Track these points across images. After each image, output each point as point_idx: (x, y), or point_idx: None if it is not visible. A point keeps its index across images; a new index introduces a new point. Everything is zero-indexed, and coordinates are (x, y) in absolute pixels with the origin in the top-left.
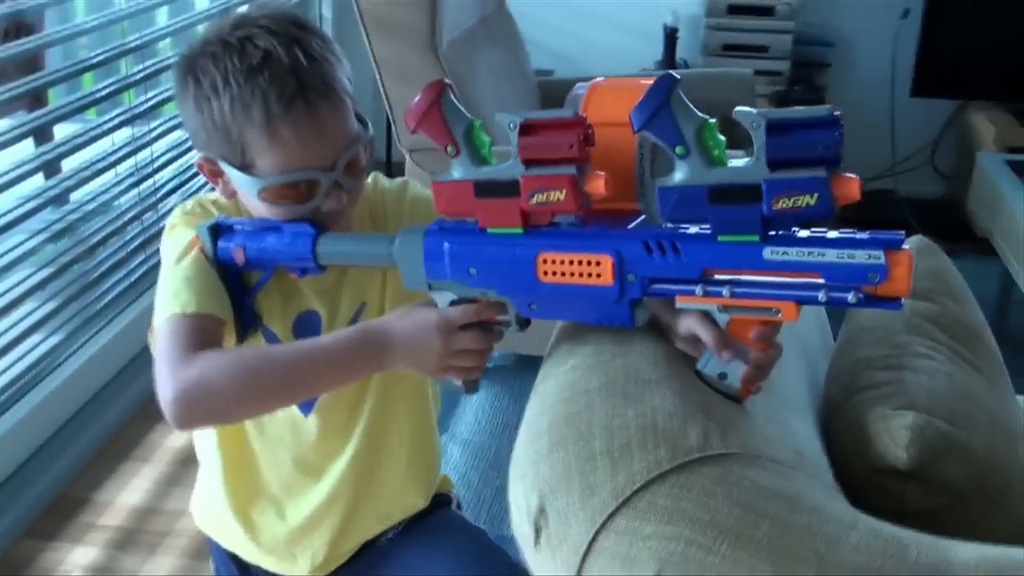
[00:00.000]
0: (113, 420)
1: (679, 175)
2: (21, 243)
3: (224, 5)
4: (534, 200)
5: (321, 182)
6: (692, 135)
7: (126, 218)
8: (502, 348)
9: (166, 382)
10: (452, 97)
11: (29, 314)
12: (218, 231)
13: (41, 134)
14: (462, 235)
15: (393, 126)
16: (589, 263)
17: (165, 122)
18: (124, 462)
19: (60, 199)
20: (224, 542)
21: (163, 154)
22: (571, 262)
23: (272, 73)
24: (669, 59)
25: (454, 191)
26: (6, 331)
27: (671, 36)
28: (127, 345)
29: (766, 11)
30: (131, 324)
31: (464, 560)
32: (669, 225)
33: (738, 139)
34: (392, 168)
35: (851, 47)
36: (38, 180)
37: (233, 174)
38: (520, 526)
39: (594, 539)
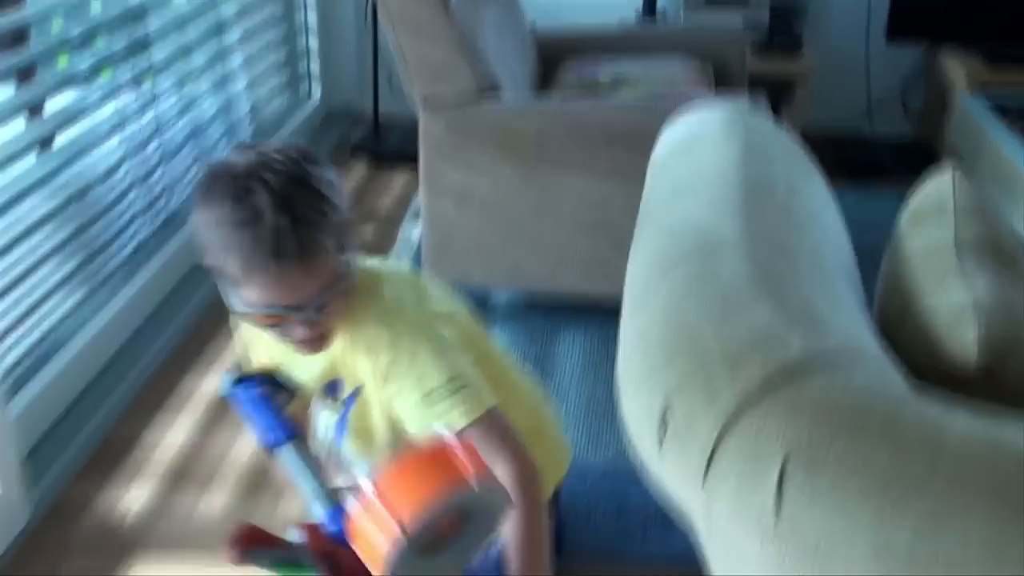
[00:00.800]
0: (143, 370)
1: None
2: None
3: None
4: None
5: (292, 318)
6: None
7: (132, 180)
8: (512, 285)
9: None
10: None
11: (48, 277)
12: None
13: (35, 108)
14: None
15: (405, 81)
16: None
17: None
18: (161, 410)
19: (66, 165)
20: None
21: (168, 114)
22: None
23: (256, 234)
24: (649, 9)
25: None
26: (27, 294)
27: None
28: (145, 302)
29: None
30: (147, 284)
31: None
32: None
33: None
34: (378, 120)
35: None
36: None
37: (225, 283)
38: (641, 431)
39: (721, 436)
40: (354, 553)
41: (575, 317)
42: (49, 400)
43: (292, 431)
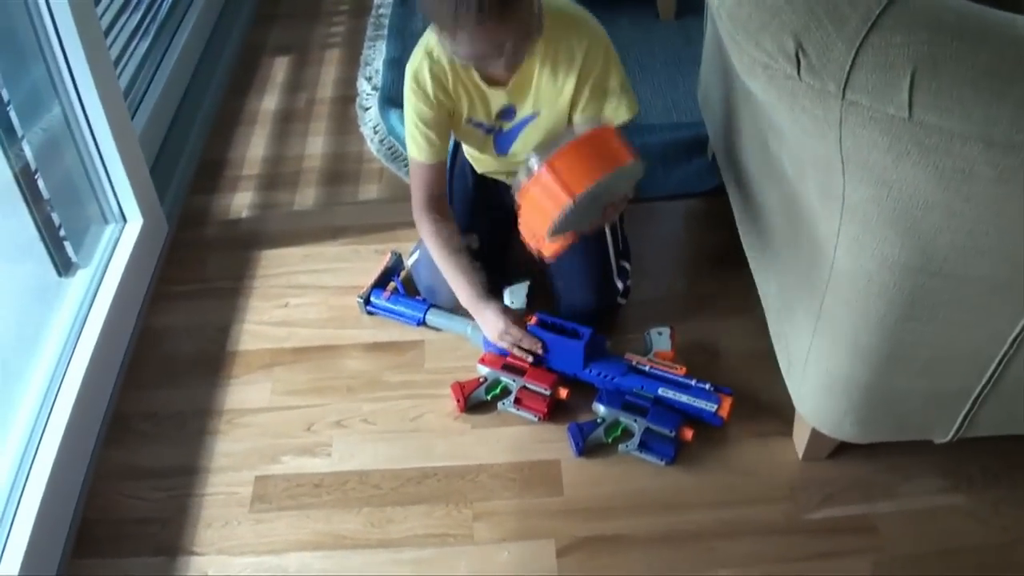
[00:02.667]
0: (212, 98)
1: None
2: None
3: None
4: None
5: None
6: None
7: None
8: None
9: None
10: None
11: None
12: None
13: None
14: None
15: None
16: None
17: None
18: (237, 128)
19: None
20: None
21: None
22: None
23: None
24: None
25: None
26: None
27: None
28: (195, 45)
29: None
30: (192, 31)
31: None
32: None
33: None
34: None
35: None
36: None
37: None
38: (775, 68)
39: (856, 54)
40: (524, 361)
41: None
42: (151, 131)
43: (425, 305)
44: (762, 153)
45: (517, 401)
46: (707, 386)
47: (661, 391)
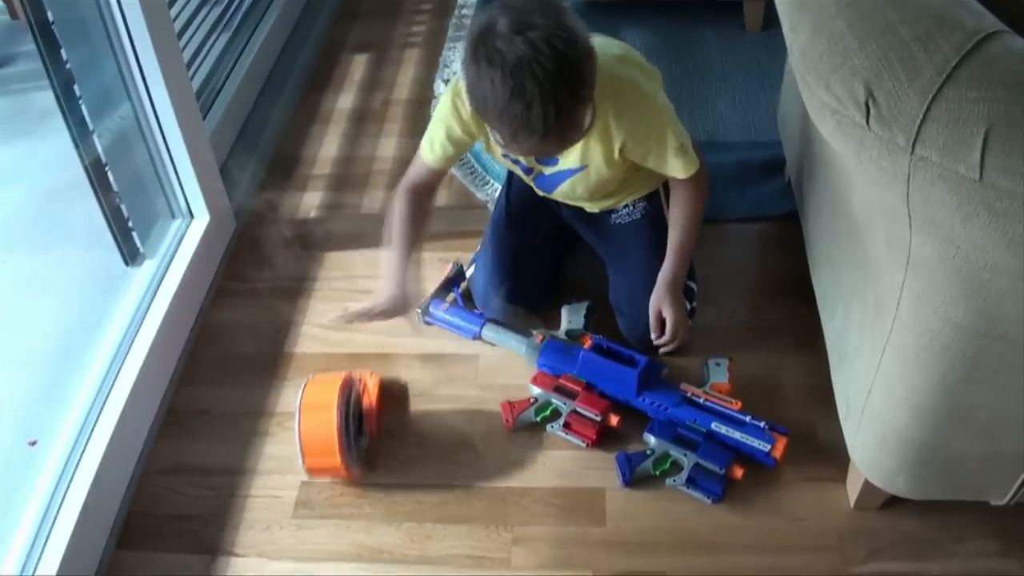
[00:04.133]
0: (289, 96)
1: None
2: None
3: None
4: None
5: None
6: None
7: None
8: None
9: None
10: None
11: (202, 22)
12: None
13: None
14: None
15: None
16: None
17: None
18: (312, 125)
19: None
20: None
21: None
22: None
23: (525, 120)
24: None
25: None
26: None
27: None
28: (275, 42)
29: None
30: (272, 27)
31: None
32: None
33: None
34: None
35: None
36: None
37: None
38: (844, 114)
39: (929, 107)
40: (570, 377)
41: (632, 14)
42: (226, 125)
43: (482, 319)
44: (833, 191)
45: (566, 425)
46: (762, 424)
47: (714, 426)
